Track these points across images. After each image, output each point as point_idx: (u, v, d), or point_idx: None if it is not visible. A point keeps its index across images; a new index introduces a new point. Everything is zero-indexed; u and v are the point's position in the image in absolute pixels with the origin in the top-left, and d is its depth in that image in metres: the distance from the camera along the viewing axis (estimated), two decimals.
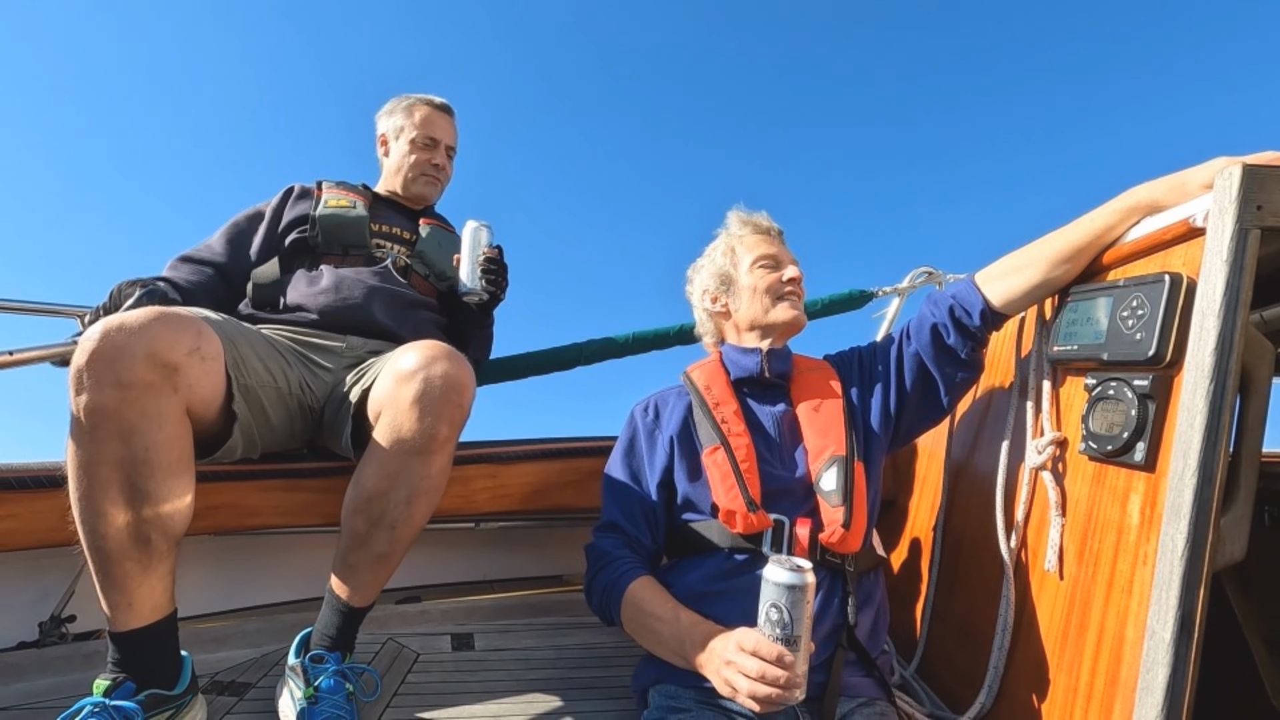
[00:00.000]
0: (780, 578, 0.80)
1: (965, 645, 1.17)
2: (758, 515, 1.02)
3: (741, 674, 0.82)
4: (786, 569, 0.80)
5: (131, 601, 0.93)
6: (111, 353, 0.87)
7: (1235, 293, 0.77)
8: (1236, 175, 0.77)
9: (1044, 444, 1.03)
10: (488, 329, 1.66)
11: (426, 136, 1.61)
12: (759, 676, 0.80)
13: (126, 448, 0.89)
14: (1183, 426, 0.79)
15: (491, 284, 1.47)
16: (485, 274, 1.46)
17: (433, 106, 1.63)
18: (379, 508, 1.04)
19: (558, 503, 1.60)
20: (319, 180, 1.57)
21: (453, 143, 1.68)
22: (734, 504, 1.04)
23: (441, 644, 1.39)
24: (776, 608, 0.80)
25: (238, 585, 1.64)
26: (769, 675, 0.79)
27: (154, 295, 1.23)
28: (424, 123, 1.61)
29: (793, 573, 0.79)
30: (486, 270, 1.46)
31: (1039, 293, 1.03)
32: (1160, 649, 0.76)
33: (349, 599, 1.08)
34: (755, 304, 1.21)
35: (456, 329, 1.62)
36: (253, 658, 1.26)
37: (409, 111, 1.61)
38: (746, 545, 1.04)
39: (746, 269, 1.22)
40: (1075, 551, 0.95)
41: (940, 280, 2.07)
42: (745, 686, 0.81)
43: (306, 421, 1.27)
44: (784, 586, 0.79)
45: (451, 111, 1.67)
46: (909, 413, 1.18)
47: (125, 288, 1.26)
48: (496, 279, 1.48)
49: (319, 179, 1.58)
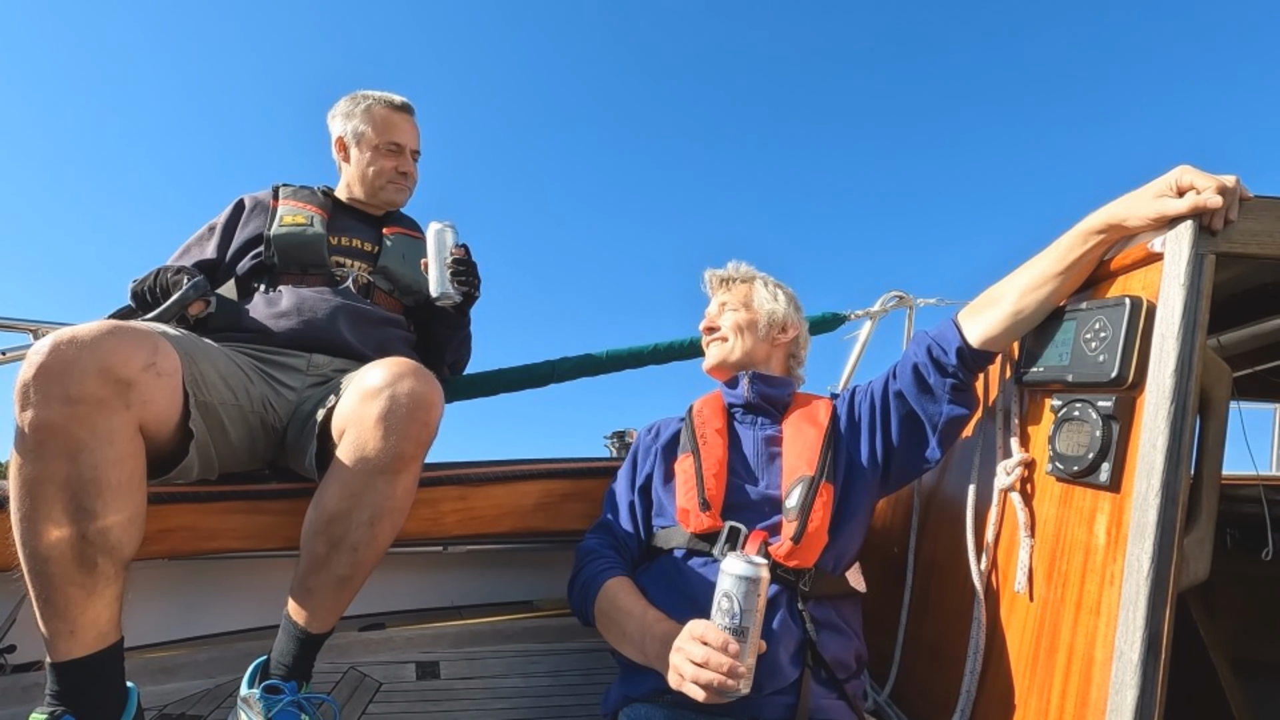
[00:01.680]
0: (734, 568, 0.83)
1: (938, 669, 1.16)
2: (709, 515, 1.06)
3: (688, 659, 0.83)
4: (741, 561, 0.83)
5: (74, 629, 0.88)
6: (60, 367, 0.84)
7: (1193, 316, 0.79)
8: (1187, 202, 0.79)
9: (1012, 465, 1.04)
10: (465, 329, 1.61)
11: (390, 142, 1.51)
12: (703, 662, 0.81)
13: (73, 465, 0.85)
14: (1145, 447, 0.80)
15: (464, 284, 1.42)
16: (455, 276, 1.40)
17: (393, 108, 1.52)
18: (340, 529, 1.00)
19: (529, 526, 1.57)
20: (275, 186, 1.51)
21: (416, 145, 1.59)
22: (689, 503, 1.09)
23: (405, 673, 1.35)
24: (728, 597, 0.83)
25: (192, 613, 1.57)
26: (713, 662, 0.81)
27: (199, 289, 1.23)
28: (386, 127, 1.51)
29: (746, 564, 0.83)
30: (456, 273, 1.40)
31: (1017, 326, 1.01)
32: (1128, 670, 0.77)
33: (307, 624, 1.04)
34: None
35: (433, 337, 1.57)
36: (205, 688, 1.21)
37: (368, 115, 1.50)
38: (700, 546, 1.07)
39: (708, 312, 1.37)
40: (1044, 572, 0.96)
41: (911, 304, 2.10)
42: (690, 672, 0.83)
43: (269, 441, 1.24)
44: (737, 577, 0.83)
45: (412, 110, 1.57)
46: (897, 454, 1.17)
47: (172, 275, 1.26)
48: (468, 279, 1.43)
49: (276, 184, 1.52)
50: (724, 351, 1.29)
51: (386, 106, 1.52)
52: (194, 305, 1.24)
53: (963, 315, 1.08)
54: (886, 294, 2.11)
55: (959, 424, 1.12)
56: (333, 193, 1.57)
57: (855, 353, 2.09)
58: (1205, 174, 0.80)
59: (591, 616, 1.08)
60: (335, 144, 1.55)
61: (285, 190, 1.51)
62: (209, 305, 1.27)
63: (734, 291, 1.34)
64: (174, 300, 1.21)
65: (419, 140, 1.60)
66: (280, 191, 1.51)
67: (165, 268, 1.30)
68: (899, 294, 2.09)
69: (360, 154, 1.52)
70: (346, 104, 1.52)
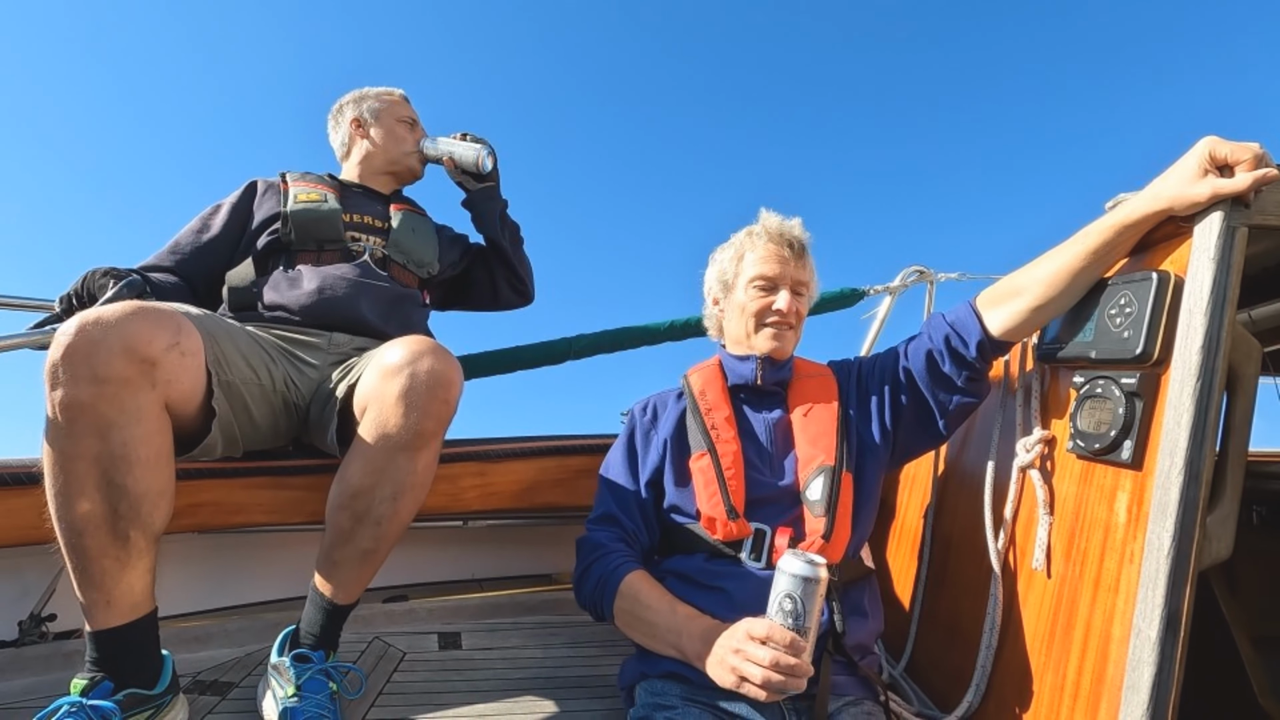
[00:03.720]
0: (797, 569, 0.82)
1: (954, 644, 1.17)
2: (738, 524, 1.03)
3: (752, 661, 0.82)
4: (802, 561, 0.82)
5: (110, 600, 0.91)
6: (87, 347, 0.85)
7: (1223, 291, 0.77)
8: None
9: (1032, 442, 1.02)
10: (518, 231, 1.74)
11: (409, 117, 1.66)
12: (772, 664, 0.80)
13: (103, 443, 0.87)
14: (1169, 425, 0.79)
15: (479, 140, 1.62)
16: (475, 140, 1.61)
17: (397, 96, 1.67)
18: (364, 504, 1.02)
19: (547, 501, 1.59)
20: (282, 173, 1.53)
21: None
22: (715, 511, 1.05)
23: (428, 643, 1.38)
24: (791, 598, 0.82)
25: (222, 584, 1.62)
26: (783, 663, 0.80)
27: (133, 287, 1.19)
28: (399, 108, 1.65)
29: (808, 565, 0.82)
30: (465, 136, 1.62)
31: (1040, 318, 0.99)
32: (1146, 648, 0.76)
33: (333, 596, 1.07)
34: (740, 324, 1.19)
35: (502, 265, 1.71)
36: (236, 657, 1.25)
37: (379, 98, 1.63)
38: (725, 551, 1.04)
39: (743, 284, 1.18)
40: (1063, 550, 0.95)
41: (932, 279, 2.07)
42: (758, 674, 0.81)
43: (292, 419, 1.26)
44: (800, 578, 0.82)
45: (409, 100, 1.72)
46: (903, 434, 1.16)
47: (99, 278, 1.21)
48: (481, 140, 1.63)
49: (281, 171, 1.54)
50: (788, 342, 1.18)
51: (392, 93, 1.67)
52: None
53: (983, 303, 1.05)
54: (907, 269, 2.07)
55: (969, 410, 1.11)
56: (337, 177, 1.61)
57: (875, 328, 2.07)
58: (1234, 144, 0.77)
59: (609, 613, 1.04)
60: (350, 124, 1.62)
61: (292, 175, 1.53)
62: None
63: (805, 266, 1.20)
64: (104, 301, 1.14)
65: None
66: (288, 176, 1.52)
67: (94, 271, 1.23)
68: (919, 269, 2.06)
69: (381, 126, 1.61)
70: (354, 94, 1.65)
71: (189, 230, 1.44)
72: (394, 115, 1.62)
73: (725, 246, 1.26)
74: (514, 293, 1.76)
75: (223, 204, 1.48)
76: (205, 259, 1.41)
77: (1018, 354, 1.13)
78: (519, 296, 1.78)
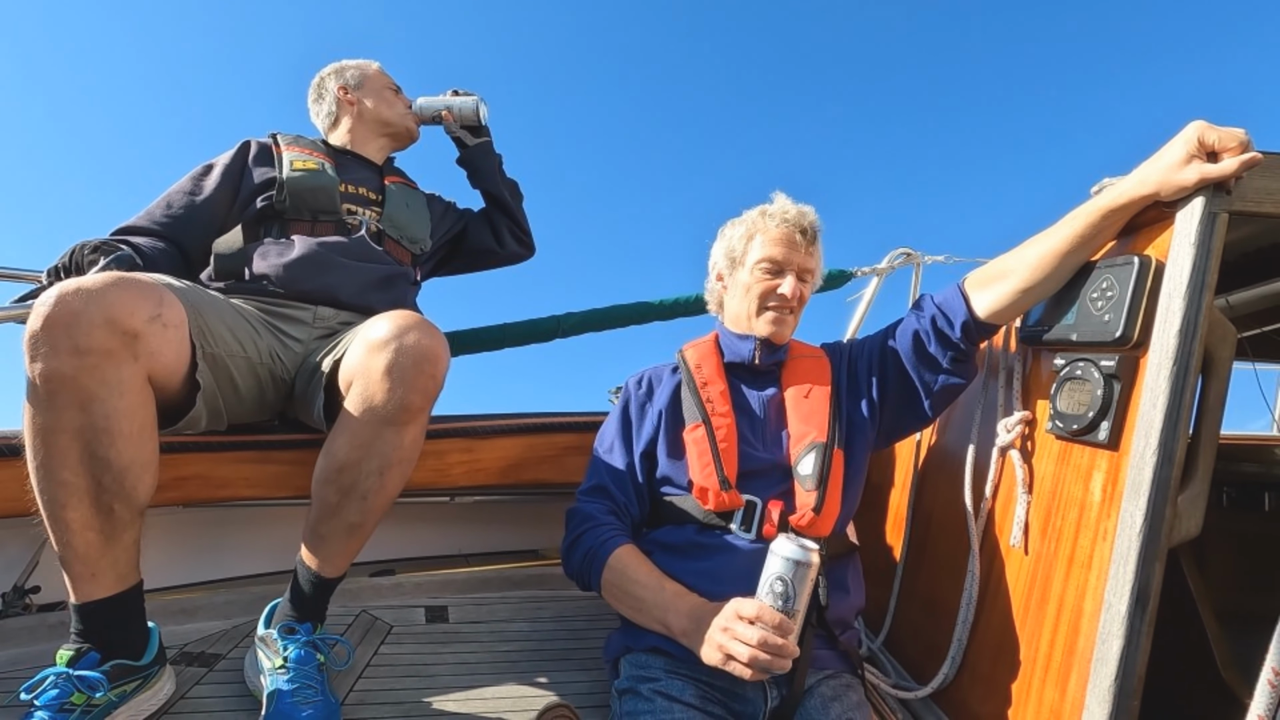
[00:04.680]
0: (790, 553, 0.83)
1: (931, 618, 1.20)
2: (730, 494, 1.04)
3: (740, 640, 0.83)
4: (795, 544, 0.83)
5: (95, 572, 0.91)
6: (68, 318, 0.84)
7: (1201, 276, 0.78)
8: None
9: (1012, 423, 1.04)
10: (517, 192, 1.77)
11: (394, 84, 1.65)
12: (760, 643, 0.81)
13: (85, 415, 0.86)
14: (1145, 407, 0.80)
15: (469, 92, 1.65)
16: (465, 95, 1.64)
17: (379, 67, 1.66)
18: (350, 478, 1.02)
19: (534, 478, 1.60)
20: (272, 134, 1.49)
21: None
22: (708, 482, 1.05)
23: (415, 616, 1.39)
24: (782, 580, 0.83)
25: (208, 558, 1.62)
26: (770, 643, 0.81)
27: (121, 262, 1.15)
28: (384, 76, 1.64)
29: (801, 549, 0.83)
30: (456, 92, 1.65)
31: (1026, 301, 1.01)
32: (1115, 621, 0.79)
33: (319, 569, 1.07)
34: (743, 303, 1.19)
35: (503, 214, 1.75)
36: (223, 629, 1.25)
37: (360, 68, 1.61)
38: (717, 522, 1.05)
39: (751, 264, 1.18)
40: (1039, 528, 0.97)
41: (919, 262, 2.08)
42: (744, 653, 0.82)
43: (278, 392, 1.25)
44: (792, 561, 0.83)
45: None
46: (890, 413, 1.18)
47: (88, 252, 1.18)
48: (470, 93, 1.66)
49: (272, 132, 1.50)
50: (787, 327, 1.19)
51: (369, 64, 1.64)
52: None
53: (970, 285, 1.06)
54: (894, 251, 2.08)
55: (955, 392, 1.13)
56: (329, 142, 1.57)
57: (861, 310, 2.08)
58: (1222, 129, 0.78)
59: (596, 585, 1.05)
60: (338, 91, 1.57)
61: (285, 138, 1.48)
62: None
63: (814, 254, 1.20)
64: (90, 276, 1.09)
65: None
66: (280, 138, 1.48)
67: (83, 244, 1.20)
68: (906, 251, 2.06)
69: (369, 92, 1.60)
70: (332, 66, 1.61)
71: (180, 191, 1.37)
72: (378, 82, 1.61)
73: (736, 223, 1.24)
74: (518, 244, 1.80)
75: (215, 164, 1.42)
76: (197, 223, 1.35)
77: (1001, 336, 1.15)
78: (524, 248, 1.82)
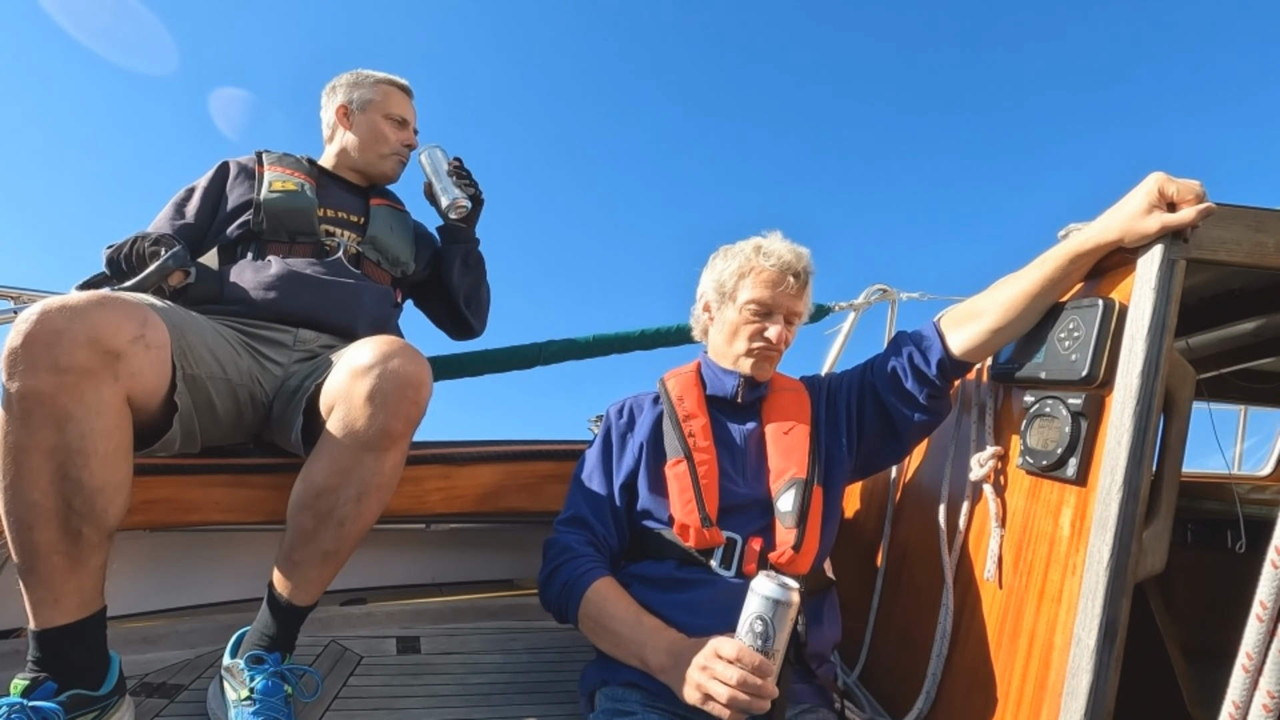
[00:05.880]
0: (770, 591, 0.82)
1: (906, 652, 1.20)
2: (710, 531, 1.04)
3: (719, 681, 0.82)
4: (775, 584, 0.82)
5: (57, 597, 0.88)
6: (49, 336, 0.83)
7: (1162, 319, 0.82)
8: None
9: (985, 458, 1.07)
10: (482, 270, 1.65)
11: (398, 115, 1.56)
12: (739, 684, 0.80)
13: (60, 435, 0.85)
14: (1111, 444, 0.83)
15: (469, 186, 1.52)
16: (460, 181, 1.51)
17: (398, 87, 1.58)
18: (328, 503, 1.01)
19: (512, 506, 1.58)
20: (258, 152, 1.49)
21: (416, 125, 1.63)
22: (689, 518, 1.05)
23: (386, 647, 1.36)
24: (762, 620, 0.82)
25: (174, 584, 1.57)
26: (749, 684, 0.80)
27: (178, 259, 1.19)
28: (393, 101, 1.56)
29: (781, 589, 0.82)
30: (460, 178, 1.51)
31: (998, 340, 1.04)
32: (1085, 655, 0.80)
33: (291, 597, 1.05)
34: (728, 340, 1.19)
35: (459, 289, 1.61)
36: (186, 658, 1.22)
37: (375, 87, 1.54)
38: (697, 559, 1.05)
39: (740, 303, 1.17)
40: (1011, 561, 0.99)
41: (894, 298, 2.13)
42: (723, 693, 0.81)
43: (255, 415, 1.23)
44: (772, 601, 0.82)
45: (412, 94, 1.62)
46: (866, 448, 1.19)
47: (149, 243, 1.20)
48: (472, 182, 1.53)
49: (258, 150, 1.49)
50: (773, 364, 1.20)
51: (391, 84, 1.56)
52: (173, 275, 1.20)
53: (945, 323, 1.09)
54: (870, 287, 2.13)
55: (930, 427, 1.15)
56: (317, 162, 1.56)
57: (837, 345, 2.12)
58: (1180, 181, 0.83)
59: (574, 618, 1.03)
60: (336, 110, 1.53)
61: (269, 156, 1.48)
62: (189, 276, 1.23)
63: (803, 298, 1.19)
64: (152, 270, 1.16)
65: (417, 122, 1.63)
66: (264, 157, 1.47)
67: (143, 235, 1.24)
68: (882, 287, 2.12)
69: (365, 119, 1.53)
70: (350, 76, 1.55)
71: (164, 218, 1.39)
72: (382, 110, 1.54)
73: (730, 255, 1.22)
74: (452, 326, 1.71)
75: (195, 187, 1.43)
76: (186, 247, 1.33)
77: (974, 373, 1.18)
78: (457, 331, 1.72)
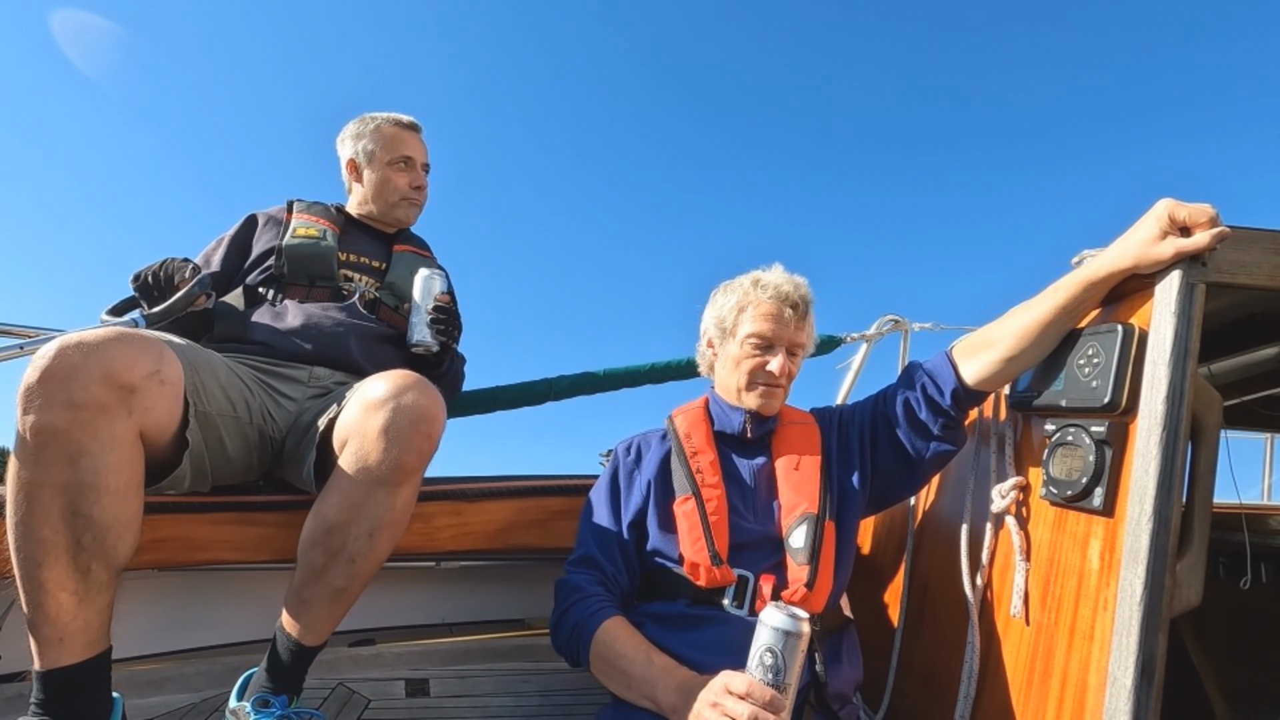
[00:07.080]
0: (778, 622, 0.80)
1: (932, 692, 1.16)
2: (721, 570, 1.02)
3: (729, 716, 0.80)
4: (784, 614, 0.80)
5: (64, 636, 0.87)
6: (65, 371, 0.84)
7: (1184, 344, 0.80)
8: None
9: (1007, 488, 1.04)
10: (443, 372, 1.54)
11: (401, 157, 1.56)
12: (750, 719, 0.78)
13: (73, 470, 0.84)
14: (1138, 473, 0.81)
15: (442, 334, 1.42)
16: (435, 323, 1.41)
17: (401, 126, 1.57)
18: (339, 540, 1.00)
19: (523, 542, 1.56)
20: (290, 201, 1.54)
21: (426, 159, 1.62)
22: (699, 557, 1.04)
23: (395, 689, 1.33)
24: (771, 652, 0.80)
25: (181, 625, 1.55)
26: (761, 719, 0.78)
27: (203, 285, 1.22)
28: (396, 143, 1.55)
29: (790, 619, 0.80)
30: (436, 320, 1.41)
31: (1012, 369, 1.02)
32: (1122, 696, 0.77)
33: (300, 636, 1.03)
34: (732, 375, 1.19)
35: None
36: (191, 702, 1.19)
37: (377, 134, 1.54)
38: (708, 597, 1.03)
39: (741, 337, 1.17)
40: (1038, 597, 0.96)
41: (907, 328, 2.12)
42: None
43: (265, 452, 1.23)
44: (781, 632, 0.80)
45: (419, 128, 1.61)
46: (881, 481, 1.17)
47: (179, 267, 1.24)
48: (447, 329, 1.43)
49: (290, 199, 1.54)
50: (777, 400, 1.18)
51: (394, 125, 1.56)
52: (198, 299, 1.24)
53: (958, 353, 1.08)
54: (882, 318, 2.12)
55: (945, 459, 1.13)
56: (345, 209, 1.60)
57: (850, 377, 2.10)
58: (1190, 205, 0.83)
59: (584, 660, 1.01)
60: (347, 165, 1.58)
61: (299, 205, 1.53)
62: (209, 300, 1.30)
63: (804, 328, 1.19)
64: (180, 296, 1.20)
65: (428, 155, 1.63)
66: (294, 206, 1.53)
67: (174, 258, 1.28)
68: (894, 318, 2.11)
69: (372, 172, 1.55)
70: (354, 126, 1.56)
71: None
72: (388, 156, 1.54)
73: (729, 290, 1.22)
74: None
75: (224, 238, 1.49)
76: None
77: (991, 402, 1.16)
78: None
